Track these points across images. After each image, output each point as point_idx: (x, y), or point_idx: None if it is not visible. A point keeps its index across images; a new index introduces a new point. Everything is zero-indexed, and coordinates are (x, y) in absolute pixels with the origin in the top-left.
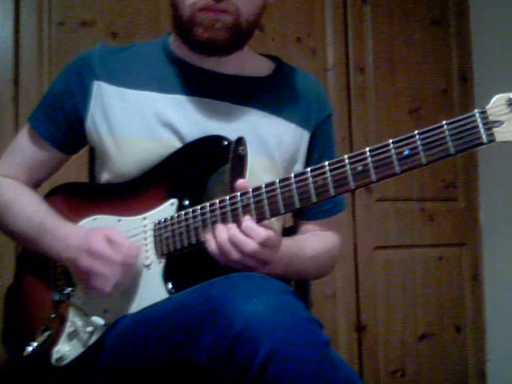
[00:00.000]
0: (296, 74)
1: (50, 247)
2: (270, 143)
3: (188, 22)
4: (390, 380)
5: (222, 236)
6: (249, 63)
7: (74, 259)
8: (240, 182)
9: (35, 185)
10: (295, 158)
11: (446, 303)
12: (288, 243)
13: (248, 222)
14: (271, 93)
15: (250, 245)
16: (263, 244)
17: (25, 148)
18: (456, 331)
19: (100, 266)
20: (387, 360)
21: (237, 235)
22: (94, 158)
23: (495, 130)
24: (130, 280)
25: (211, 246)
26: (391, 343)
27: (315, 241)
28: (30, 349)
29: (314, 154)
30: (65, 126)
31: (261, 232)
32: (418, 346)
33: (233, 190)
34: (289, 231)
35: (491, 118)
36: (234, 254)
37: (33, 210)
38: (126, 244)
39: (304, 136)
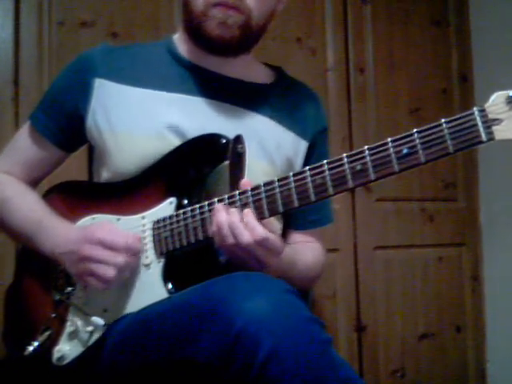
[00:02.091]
0: (297, 85)
1: (44, 244)
2: (270, 147)
3: (200, 16)
4: (390, 380)
5: (221, 217)
6: (252, 70)
7: (74, 251)
8: (244, 182)
9: (33, 182)
10: (293, 165)
11: (446, 303)
12: (287, 251)
13: (250, 217)
14: (273, 100)
15: (247, 237)
16: (259, 242)
17: (24, 145)
18: (456, 331)
19: (102, 251)
20: (387, 360)
21: (236, 223)
22: (93, 156)
23: (494, 128)
24: (132, 268)
25: (212, 226)
26: (391, 343)
27: (309, 254)
28: (30, 348)
29: (309, 164)
30: (64, 123)
31: (260, 230)
32: (417, 345)
33: (232, 187)
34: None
35: (490, 116)
36: (230, 240)
37: (31, 208)
38: (126, 233)
39: (302, 145)
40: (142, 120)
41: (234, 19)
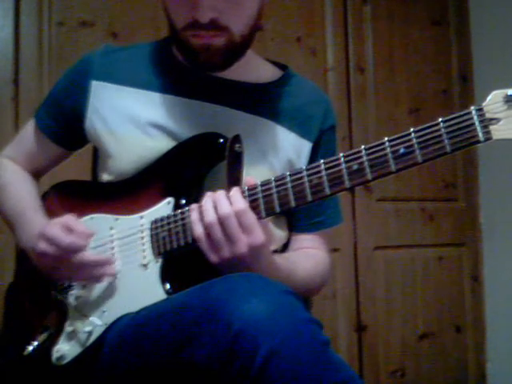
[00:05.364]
0: (303, 84)
1: (21, 236)
2: (268, 150)
3: (184, 44)
4: (390, 380)
5: (206, 199)
6: (252, 68)
7: (33, 247)
8: (247, 181)
9: (36, 172)
10: (295, 167)
11: (446, 303)
12: (280, 262)
13: (235, 191)
14: (274, 100)
15: (226, 207)
16: (237, 213)
17: (27, 138)
18: (456, 331)
19: (49, 248)
20: (387, 360)
21: (221, 195)
22: (97, 156)
23: (492, 127)
24: (84, 267)
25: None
26: (391, 343)
27: (308, 262)
28: (30, 348)
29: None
30: (64, 123)
31: (241, 202)
32: (418, 345)
33: (230, 187)
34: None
35: (488, 116)
36: (211, 215)
37: (20, 198)
38: (80, 229)
39: (305, 146)
40: (138, 121)
41: (214, 46)
